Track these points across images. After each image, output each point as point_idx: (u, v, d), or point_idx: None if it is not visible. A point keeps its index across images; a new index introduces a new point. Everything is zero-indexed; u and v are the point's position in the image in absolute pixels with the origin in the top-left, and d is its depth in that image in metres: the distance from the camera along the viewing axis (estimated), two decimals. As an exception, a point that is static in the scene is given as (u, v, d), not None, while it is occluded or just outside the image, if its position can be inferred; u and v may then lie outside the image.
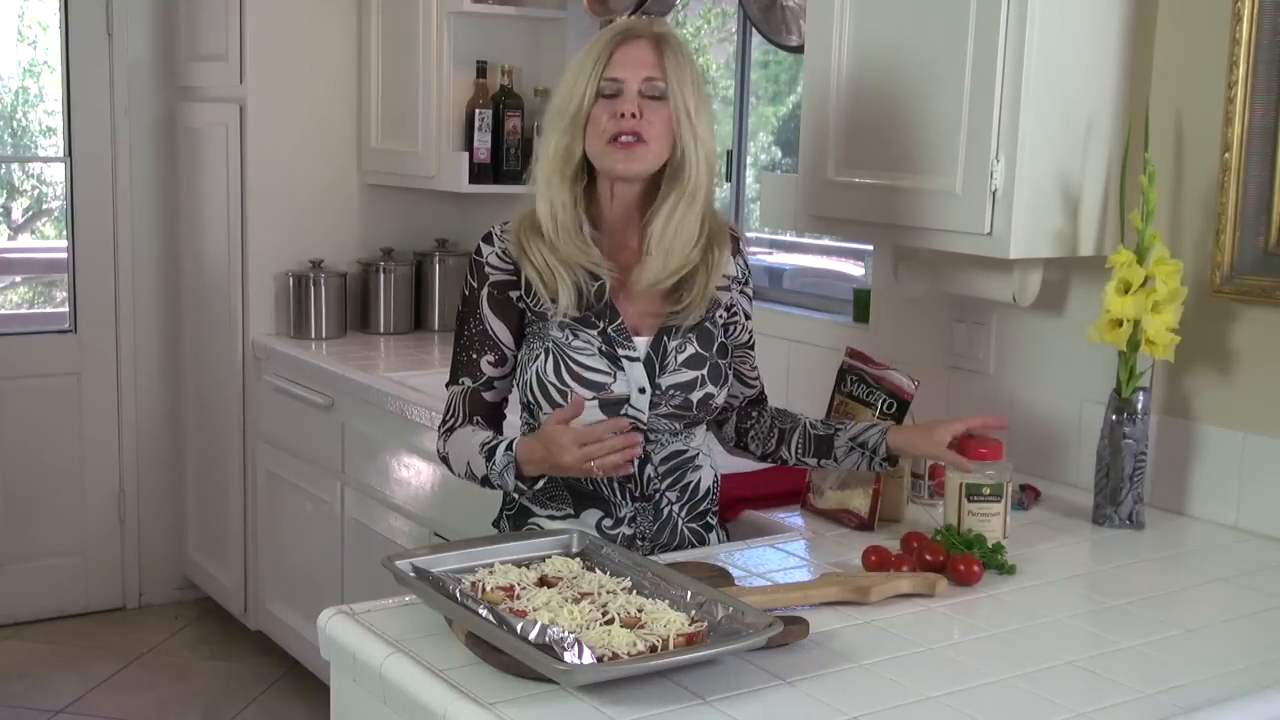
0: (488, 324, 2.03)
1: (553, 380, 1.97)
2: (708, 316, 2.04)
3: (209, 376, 4.17)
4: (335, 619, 1.64)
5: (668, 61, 1.94)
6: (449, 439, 2.06)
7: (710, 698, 1.43)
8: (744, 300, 2.13)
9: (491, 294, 2.02)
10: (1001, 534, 1.99)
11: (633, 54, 1.94)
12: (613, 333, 1.98)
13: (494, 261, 2.03)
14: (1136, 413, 2.17)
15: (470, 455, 2.00)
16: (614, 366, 1.98)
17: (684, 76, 1.94)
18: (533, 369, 1.99)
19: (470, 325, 2.04)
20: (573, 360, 1.97)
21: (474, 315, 2.04)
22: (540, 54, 3.88)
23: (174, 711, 3.72)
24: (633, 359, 1.98)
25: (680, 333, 2.01)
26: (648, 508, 2.04)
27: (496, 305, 2.03)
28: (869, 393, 2.14)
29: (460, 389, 2.05)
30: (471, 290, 2.05)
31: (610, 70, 1.93)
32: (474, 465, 2.00)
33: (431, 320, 4.12)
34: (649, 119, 1.93)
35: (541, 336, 2.00)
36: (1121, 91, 2.26)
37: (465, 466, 2.02)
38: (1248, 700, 1.51)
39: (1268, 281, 2.13)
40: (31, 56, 4.39)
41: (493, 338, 2.03)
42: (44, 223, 4.70)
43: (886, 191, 2.33)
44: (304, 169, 3.98)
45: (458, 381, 2.06)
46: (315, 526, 3.64)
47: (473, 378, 2.04)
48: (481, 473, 1.99)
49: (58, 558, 4.32)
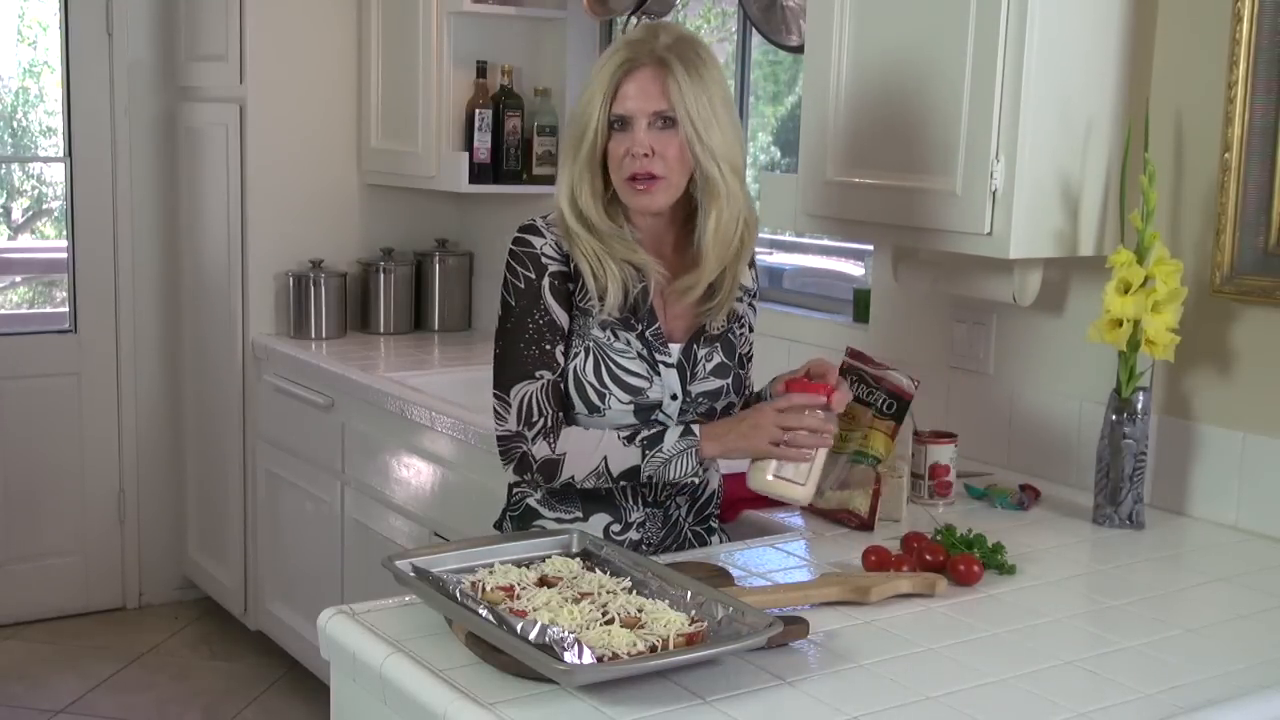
0: (553, 313, 1.96)
1: (591, 380, 1.96)
2: (729, 327, 2.05)
3: (209, 376, 4.17)
4: (335, 619, 1.64)
5: (671, 89, 1.90)
6: (561, 438, 1.94)
7: (710, 698, 1.43)
8: (750, 313, 2.13)
9: (553, 284, 1.97)
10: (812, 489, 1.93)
11: (638, 86, 1.91)
12: (650, 337, 1.98)
13: (549, 253, 1.97)
14: (1136, 413, 2.17)
15: (608, 450, 1.92)
16: (651, 371, 1.97)
17: (688, 97, 1.90)
18: (570, 366, 1.97)
19: (535, 316, 1.95)
20: (614, 362, 1.96)
21: (537, 306, 1.95)
22: (540, 54, 3.88)
23: (174, 711, 3.72)
24: (669, 365, 1.98)
25: (708, 341, 2.02)
26: (657, 513, 2.04)
27: (557, 295, 1.97)
28: (869, 393, 2.13)
29: (539, 384, 1.94)
30: (529, 282, 1.96)
31: (618, 105, 1.92)
32: (613, 461, 1.92)
33: (431, 320, 4.12)
34: (662, 153, 1.91)
35: (582, 335, 1.97)
36: (1121, 92, 2.26)
37: (598, 463, 1.92)
38: (1248, 700, 1.51)
39: (1268, 281, 2.13)
40: (31, 57, 4.39)
41: (559, 326, 1.96)
42: (44, 223, 4.70)
43: (886, 191, 2.33)
44: (304, 169, 3.98)
45: (533, 377, 1.94)
46: (315, 526, 3.64)
47: (551, 370, 1.95)
48: (629, 464, 1.91)
49: (58, 557, 4.32)
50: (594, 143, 1.94)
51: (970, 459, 2.50)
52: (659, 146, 1.91)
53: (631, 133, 1.92)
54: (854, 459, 2.13)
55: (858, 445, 2.13)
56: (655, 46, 1.92)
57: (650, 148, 1.91)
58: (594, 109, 1.93)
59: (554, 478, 1.95)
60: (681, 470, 1.92)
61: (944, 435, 2.33)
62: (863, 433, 2.12)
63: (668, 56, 1.91)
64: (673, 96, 1.90)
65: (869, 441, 2.11)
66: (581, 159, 1.95)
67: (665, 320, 2.01)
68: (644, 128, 1.91)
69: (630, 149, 1.91)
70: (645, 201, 1.94)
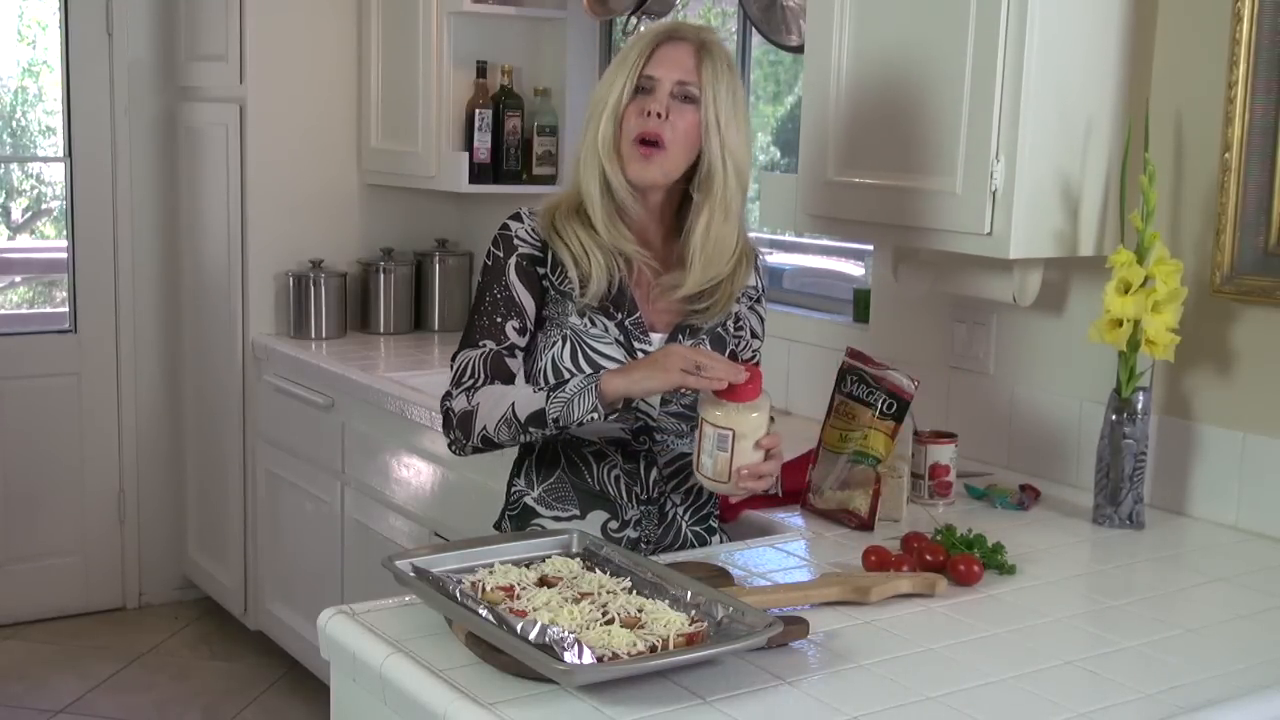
0: (514, 290, 1.99)
1: (569, 366, 1.96)
2: (720, 323, 2.05)
3: (209, 376, 4.17)
4: (335, 619, 1.64)
5: (705, 68, 1.94)
6: (472, 394, 1.95)
7: (710, 698, 1.43)
8: (753, 317, 2.12)
9: (520, 264, 2.00)
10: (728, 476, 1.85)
11: (672, 55, 1.96)
12: (630, 325, 1.99)
13: (523, 235, 2.01)
14: (1136, 413, 2.17)
15: (516, 396, 1.90)
16: (630, 359, 1.97)
17: (720, 86, 1.94)
18: (548, 355, 1.98)
19: (494, 291, 2.00)
20: (591, 348, 1.97)
21: (499, 282, 2.00)
22: (540, 54, 3.88)
23: (174, 711, 3.72)
24: (648, 354, 1.98)
25: (694, 333, 2.02)
26: (653, 511, 2.04)
27: (523, 275, 2.00)
28: (869, 393, 2.14)
29: (480, 352, 1.98)
30: (496, 260, 2.01)
31: (649, 67, 1.95)
32: (519, 406, 1.88)
33: (431, 320, 4.12)
34: (674, 121, 1.93)
35: (559, 323, 1.98)
36: (1121, 91, 2.26)
37: (505, 409, 1.89)
38: (1248, 700, 1.51)
39: (1268, 281, 2.13)
40: (31, 56, 4.39)
41: (518, 303, 1.99)
42: (44, 223, 4.70)
43: (886, 191, 2.33)
44: (304, 169, 3.98)
45: (476, 345, 1.99)
46: (315, 526, 3.64)
47: (496, 340, 1.98)
48: (535, 408, 1.87)
49: (58, 557, 4.32)
50: (619, 100, 1.96)
51: (970, 459, 2.50)
52: (673, 116, 1.94)
53: (653, 95, 1.94)
54: (854, 459, 2.13)
55: (858, 445, 2.13)
56: (700, 32, 1.99)
57: (666, 110, 1.93)
58: (623, 72, 1.96)
59: (470, 430, 1.94)
60: (583, 408, 1.84)
61: (944, 435, 2.33)
62: (863, 433, 2.12)
63: (709, 43, 1.97)
64: (704, 75, 1.94)
65: (869, 441, 2.12)
66: (605, 115, 1.96)
67: (649, 311, 2.01)
68: (667, 92, 1.94)
69: (647, 107, 1.93)
70: (641, 168, 1.95)
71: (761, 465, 1.85)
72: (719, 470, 1.85)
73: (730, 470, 1.84)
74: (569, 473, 2.04)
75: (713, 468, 1.86)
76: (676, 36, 1.97)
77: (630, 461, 2.02)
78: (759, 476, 1.85)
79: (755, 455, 1.85)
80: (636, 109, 1.95)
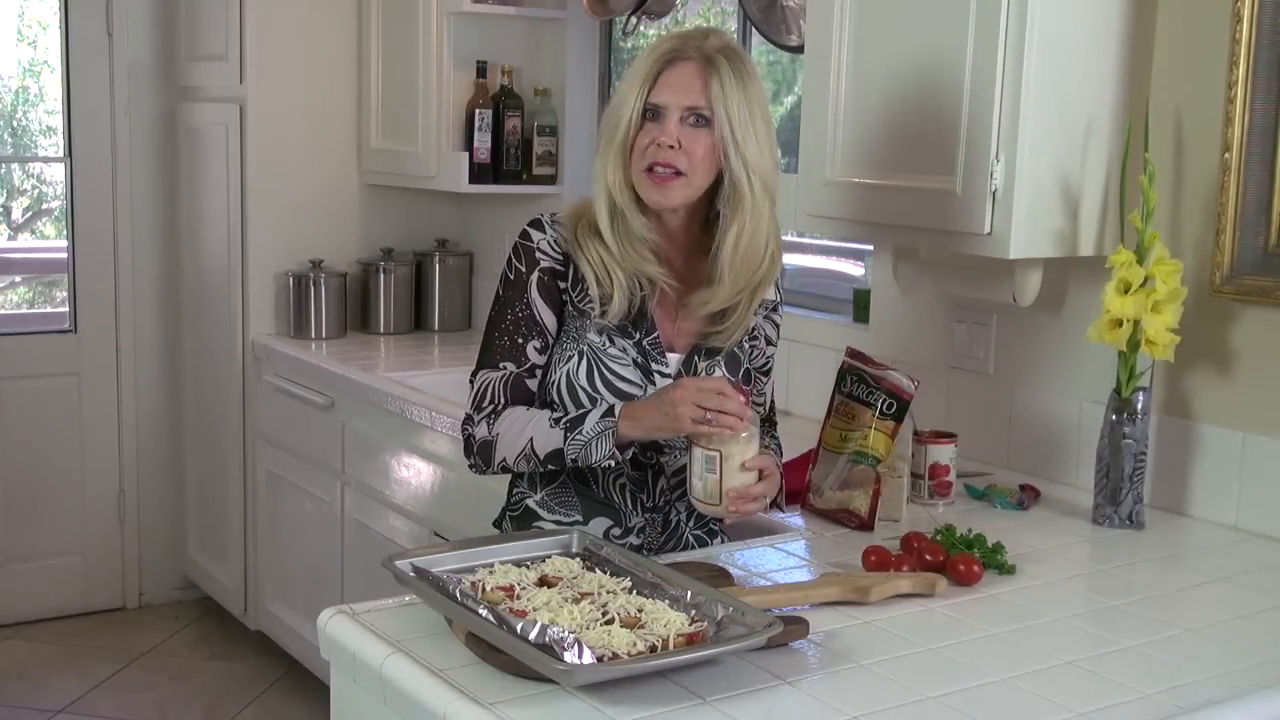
0: (535, 309, 1.97)
1: (584, 385, 1.95)
2: (737, 342, 2.02)
3: (209, 376, 4.17)
4: (335, 619, 1.64)
5: (713, 87, 1.87)
6: (495, 421, 1.94)
7: (710, 698, 1.43)
8: (768, 326, 2.10)
9: (541, 279, 1.97)
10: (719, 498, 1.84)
11: (678, 78, 1.89)
12: (648, 345, 1.96)
13: (545, 248, 1.97)
14: (1136, 413, 2.17)
15: (535, 432, 1.90)
16: (646, 379, 1.96)
17: (730, 101, 1.87)
18: (563, 370, 1.96)
19: (516, 309, 1.97)
20: (607, 368, 1.95)
21: (521, 299, 1.96)
22: (540, 54, 3.88)
23: (174, 711, 3.72)
24: (665, 374, 1.96)
25: (710, 353, 1.99)
26: (657, 518, 2.03)
27: (545, 291, 1.97)
28: (869, 393, 2.14)
29: (501, 375, 1.96)
30: (519, 274, 1.97)
31: (655, 94, 1.89)
32: (538, 443, 1.90)
33: (431, 320, 4.12)
34: (689, 148, 1.88)
35: (577, 338, 1.96)
36: (1121, 91, 2.26)
37: (524, 445, 1.91)
38: (1248, 700, 1.51)
39: (1268, 281, 2.13)
40: (31, 56, 4.39)
41: (539, 322, 1.97)
42: (44, 223, 4.70)
43: (886, 191, 2.33)
44: (304, 169, 3.98)
45: (496, 367, 1.96)
46: (315, 526, 3.64)
47: (516, 363, 1.96)
48: (553, 447, 1.89)
49: (58, 558, 4.32)
50: (627, 132, 1.91)
51: (970, 459, 2.50)
52: (686, 142, 1.88)
53: (662, 123, 1.89)
54: (854, 459, 2.13)
55: (858, 445, 2.13)
56: (705, 45, 1.90)
57: (678, 140, 1.88)
58: (631, 97, 1.90)
59: (490, 459, 1.96)
60: (600, 452, 1.87)
61: (944, 435, 2.33)
62: (863, 433, 2.12)
63: (716, 57, 1.89)
64: (713, 95, 1.87)
65: (869, 441, 2.12)
66: (615, 147, 1.92)
67: (669, 331, 1.99)
68: (676, 120, 1.88)
69: (657, 138, 1.88)
70: (660, 196, 1.90)
71: (752, 488, 1.85)
72: (709, 492, 1.86)
73: (720, 492, 1.85)
74: (574, 479, 2.03)
75: (703, 490, 1.86)
76: (680, 56, 1.90)
77: (638, 470, 2.01)
78: (751, 499, 1.85)
79: (744, 477, 1.84)
80: (648, 137, 1.89)
